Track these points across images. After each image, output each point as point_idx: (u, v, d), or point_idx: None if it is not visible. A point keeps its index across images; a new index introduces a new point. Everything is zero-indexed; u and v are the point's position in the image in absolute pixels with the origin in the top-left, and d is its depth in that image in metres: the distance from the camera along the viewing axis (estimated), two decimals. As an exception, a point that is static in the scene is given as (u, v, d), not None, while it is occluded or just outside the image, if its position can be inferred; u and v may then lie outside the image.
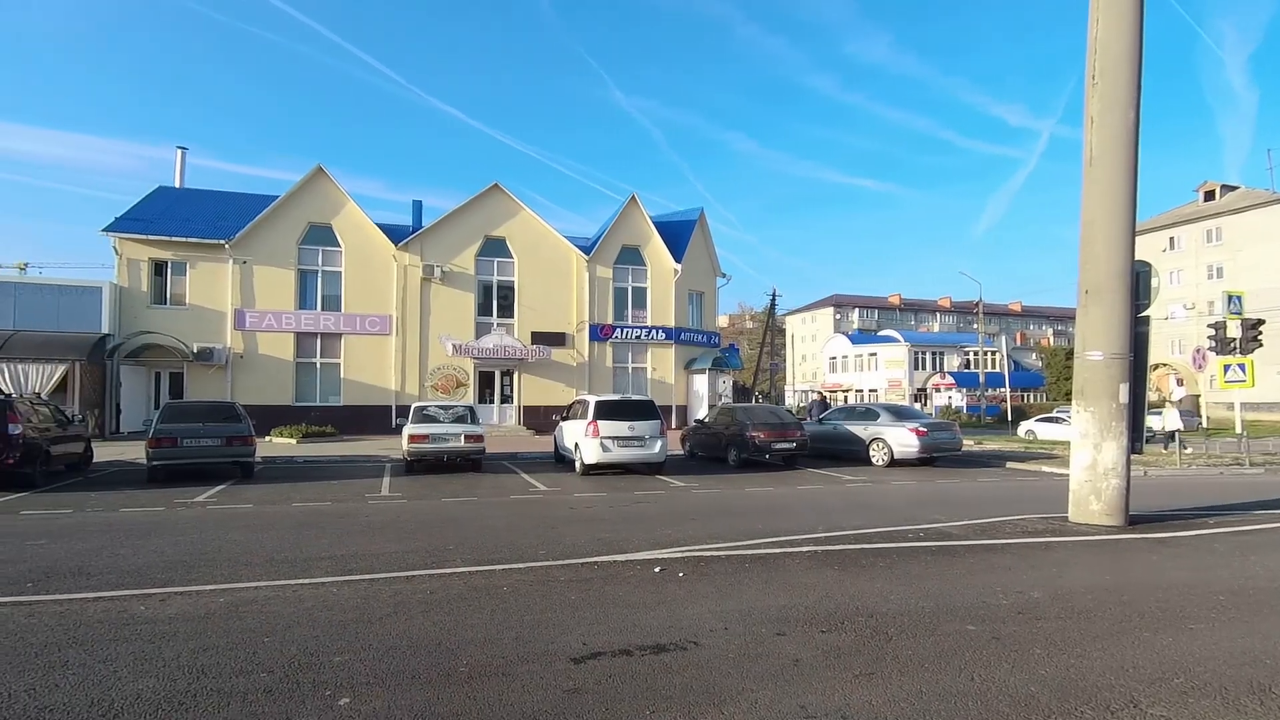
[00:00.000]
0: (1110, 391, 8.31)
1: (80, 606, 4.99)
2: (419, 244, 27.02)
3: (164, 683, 3.60)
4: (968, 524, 8.58)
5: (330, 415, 24.98)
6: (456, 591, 5.42)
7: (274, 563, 6.41)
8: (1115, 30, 8.46)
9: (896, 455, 16.42)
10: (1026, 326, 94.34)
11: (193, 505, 10.02)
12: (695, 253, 31.33)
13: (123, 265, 24.18)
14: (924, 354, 63.77)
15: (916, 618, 4.78)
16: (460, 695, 3.45)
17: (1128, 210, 8.47)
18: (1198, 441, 23.36)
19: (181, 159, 30.81)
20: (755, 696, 3.46)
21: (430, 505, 10.24)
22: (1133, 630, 4.55)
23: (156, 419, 13.18)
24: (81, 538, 7.55)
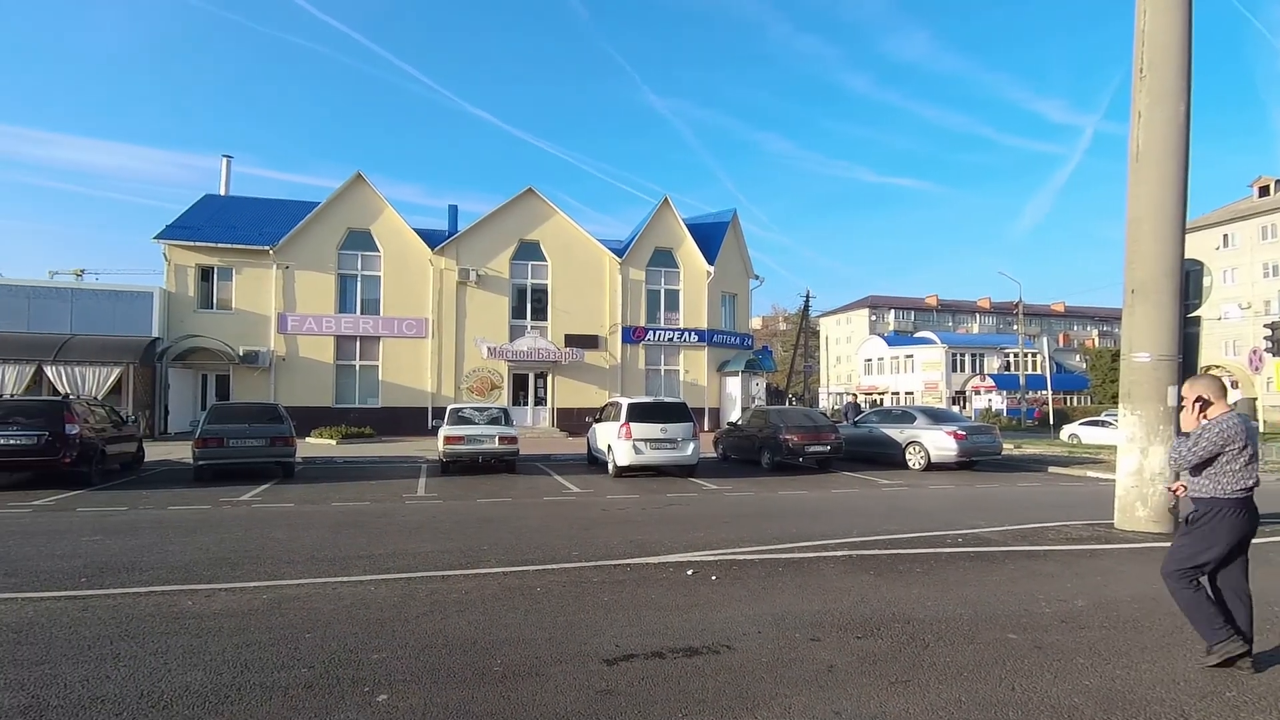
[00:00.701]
0: (1158, 394, 8.05)
1: (132, 601, 5.18)
2: (455, 248, 27.42)
3: (210, 676, 3.71)
4: (1008, 530, 8.38)
5: (368, 417, 25.48)
6: (491, 592, 5.49)
7: (314, 561, 6.56)
8: (1164, 20, 8.21)
9: (934, 459, 16.11)
10: (1070, 327, 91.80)
11: (237, 504, 10.31)
12: (728, 254, 31.20)
13: (172, 271, 25.03)
14: (962, 356, 62.50)
15: (955, 625, 4.69)
16: (494, 694, 3.49)
17: (1177, 207, 8.20)
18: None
19: (227, 167, 31.78)
20: (789, 702, 3.43)
21: (465, 506, 10.38)
22: (1183, 642, 4.39)
23: (203, 420, 13.61)
24: (133, 534, 7.83)
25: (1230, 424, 4.02)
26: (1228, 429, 3.99)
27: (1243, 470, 3.99)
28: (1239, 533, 4.00)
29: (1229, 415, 4.07)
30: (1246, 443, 3.99)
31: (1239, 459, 3.98)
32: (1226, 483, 4.01)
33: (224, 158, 31.86)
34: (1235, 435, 3.98)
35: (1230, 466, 4.01)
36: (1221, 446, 3.99)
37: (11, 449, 11.32)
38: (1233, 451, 3.98)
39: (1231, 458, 3.99)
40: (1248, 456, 3.99)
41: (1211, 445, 4.00)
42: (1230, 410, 4.11)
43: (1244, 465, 3.99)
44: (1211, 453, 4.01)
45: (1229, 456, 4.00)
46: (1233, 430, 3.99)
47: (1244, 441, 3.98)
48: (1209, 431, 4.04)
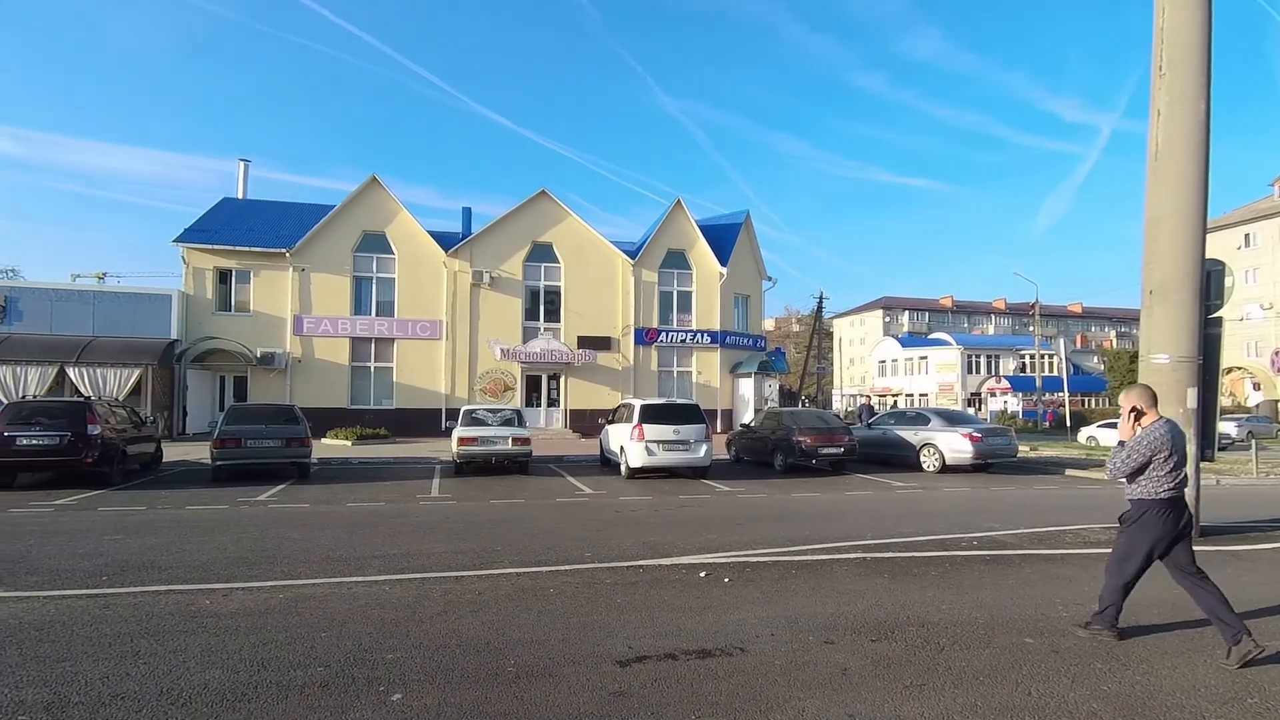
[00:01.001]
0: (1177, 396, 7.93)
1: (151, 599, 5.25)
2: (468, 250, 27.57)
3: (228, 674, 3.76)
4: (1024, 533, 8.30)
5: (383, 418, 25.65)
6: (504, 592, 5.51)
7: (330, 560, 6.62)
8: (1183, 18, 8.10)
9: (949, 461, 15.99)
10: (1088, 329, 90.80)
11: (254, 504, 10.42)
12: (741, 256, 31.13)
13: (190, 274, 25.35)
14: (977, 357, 61.91)
15: (970, 629, 4.65)
16: (508, 695, 3.51)
17: (1198, 206, 8.09)
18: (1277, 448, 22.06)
19: (244, 171, 32.15)
20: (803, 705, 3.42)
21: (479, 507, 10.43)
22: (1205, 647, 4.33)
23: (221, 421, 13.77)
24: (153, 533, 7.94)
25: (1159, 433, 4.39)
26: (1157, 438, 4.37)
27: (1170, 474, 4.36)
28: (1168, 528, 4.36)
29: (1159, 424, 4.44)
30: (1172, 450, 4.36)
31: (1166, 464, 4.35)
32: (1156, 486, 4.39)
33: (241, 162, 32.25)
34: (1164, 443, 4.36)
35: (1159, 472, 4.37)
36: (1152, 454, 4.36)
37: (35, 449, 11.51)
38: (1161, 458, 4.34)
39: (1160, 463, 4.35)
40: (1174, 462, 4.35)
41: (1143, 454, 4.37)
42: (1160, 419, 4.48)
43: (1171, 470, 4.36)
44: (1143, 461, 4.37)
45: (1158, 462, 4.36)
46: (1161, 438, 4.37)
47: (1170, 449, 4.35)
48: (1141, 442, 4.41)
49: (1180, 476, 4.38)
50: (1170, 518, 4.37)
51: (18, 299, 23.55)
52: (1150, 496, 4.41)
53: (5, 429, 11.40)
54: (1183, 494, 4.42)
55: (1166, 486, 4.36)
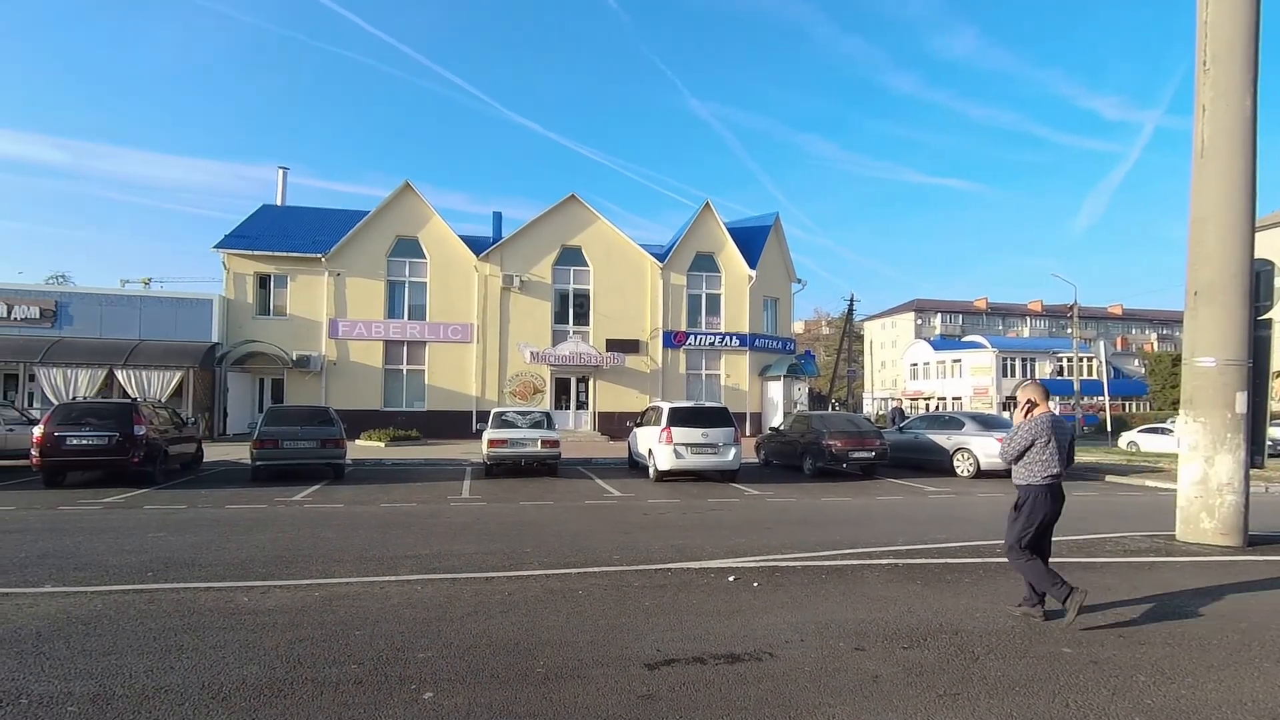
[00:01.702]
0: (1224, 400, 7.68)
1: (193, 595, 5.40)
2: (499, 254, 27.86)
3: (265, 670, 3.85)
4: (1063, 540, 8.08)
5: (415, 420, 26.04)
6: (534, 594, 5.55)
7: (364, 560, 6.74)
8: (1227, 11, 7.86)
9: (983, 466, 15.66)
10: (1128, 331, 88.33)
11: (291, 504, 10.65)
12: (770, 258, 30.95)
13: (230, 279, 26.05)
14: (1013, 360, 60.53)
15: (1006, 637, 4.56)
16: (537, 696, 3.54)
17: (1245, 204, 7.83)
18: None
19: (283, 178, 32.92)
20: (832, 712, 3.38)
21: (509, 508, 10.51)
22: (1252, 661, 4.19)
23: (260, 422, 14.10)
24: (194, 531, 8.16)
25: (1039, 422, 4.98)
26: (1036, 426, 4.96)
27: (1048, 460, 4.93)
28: (1047, 510, 4.98)
29: (1044, 415, 5.02)
30: (1050, 438, 4.92)
31: (1045, 451, 4.92)
32: (1037, 471, 4.97)
33: (280, 169, 33.02)
34: (1042, 430, 4.95)
35: (1039, 457, 4.95)
36: (1032, 440, 4.95)
37: (86, 449, 11.93)
38: (1040, 444, 4.93)
39: (1039, 449, 4.94)
40: (1051, 450, 4.91)
41: (1025, 438, 4.97)
42: (1047, 411, 5.06)
43: (1049, 456, 4.92)
44: (1024, 445, 4.97)
45: (1038, 446, 4.94)
46: (1040, 427, 4.96)
47: (1048, 437, 4.92)
48: (1023, 427, 5.02)
49: (1056, 463, 4.94)
50: (1051, 500, 5.00)
51: (68, 304, 24.43)
52: (1034, 482, 4.99)
53: (56, 429, 11.83)
54: (1059, 481, 5.01)
55: (1048, 473, 4.94)
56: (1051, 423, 4.99)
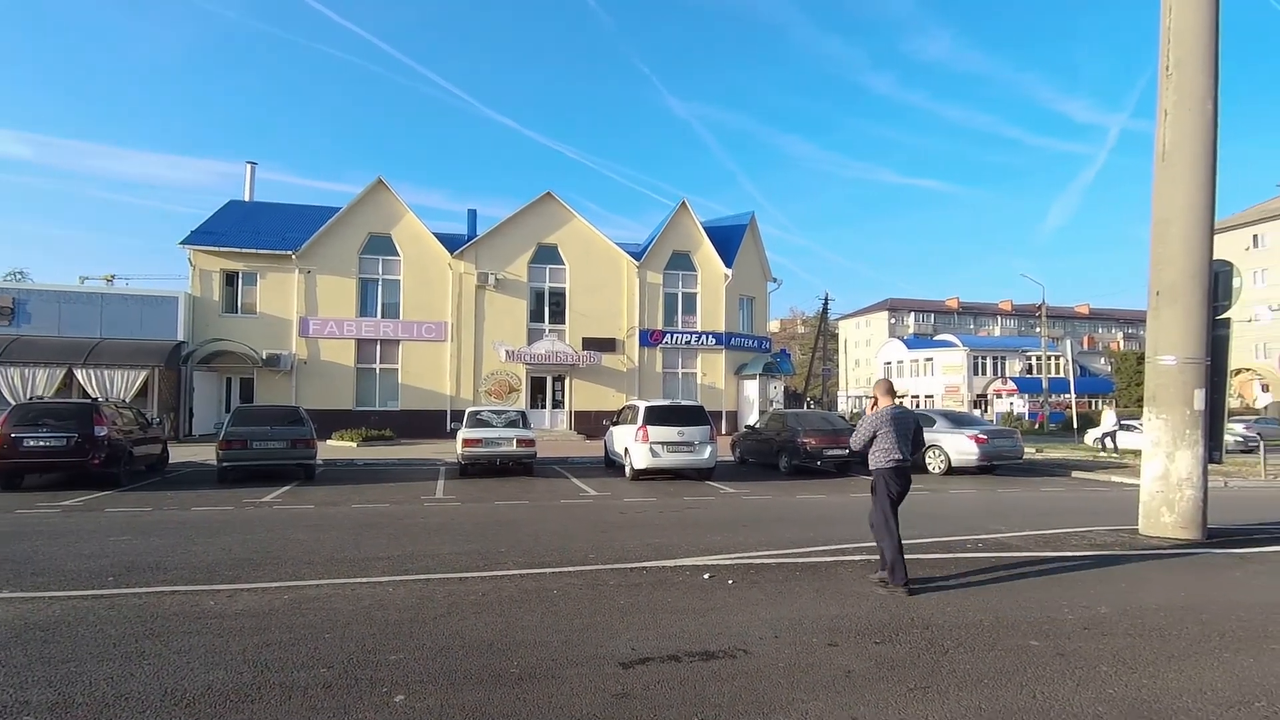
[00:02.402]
0: (1184, 398, 7.89)
1: (156, 600, 5.27)
2: (474, 252, 27.63)
3: (231, 675, 3.77)
4: (1030, 535, 8.26)
5: (388, 419, 25.72)
6: (508, 594, 5.51)
7: (334, 562, 6.63)
8: (1190, 18, 8.07)
9: (954, 463, 15.93)
10: (1095, 330, 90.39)
11: (260, 505, 10.45)
12: (746, 257, 31.11)
13: (196, 276, 25.48)
14: (983, 359, 61.68)
15: (975, 631, 4.63)
16: (510, 696, 3.51)
17: (1205, 207, 8.05)
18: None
19: (251, 174, 32.29)
20: (806, 707, 3.40)
21: (483, 508, 10.44)
22: (1211, 650, 4.30)
23: (227, 422, 13.82)
24: (159, 534, 7.97)
25: (880, 415, 5.79)
26: (877, 418, 5.78)
27: (889, 448, 5.71)
28: (895, 489, 5.74)
29: (885, 408, 5.83)
30: (890, 428, 5.72)
31: (887, 439, 5.70)
32: (883, 457, 5.75)
33: (248, 164, 32.39)
34: (884, 421, 5.74)
35: (883, 444, 5.72)
36: (874, 430, 5.75)
37: (44, 450, 11.59)
38: (882, 432, 5.71)
39: (882, 436, 5.72)
40: (893, 438, 5.70)
41: (868, 430, 5.79)
42: (889, 405, 5.85)
43: (889, 444, 5.71)
44: (868, 436, 5.78)
45: (881, 435, 5.73)
46: (883, 417, 5.76)
47: (889, 427, 5.72)
48: (868, 418, 5.86)
49: (898, 450, 5.71)
50: (896, 481, 5.75)
51: (26, 301, 23.71)
52: (880, 466, 5.76)
53: (13, 431, 11.48)
54: (903, 465, 5.75)
55: (890, 458, 5.71)
56: (891, 415, 5.78)
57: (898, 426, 5.74)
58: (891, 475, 5.74)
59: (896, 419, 5.77)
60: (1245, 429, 26.62)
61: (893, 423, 5.73)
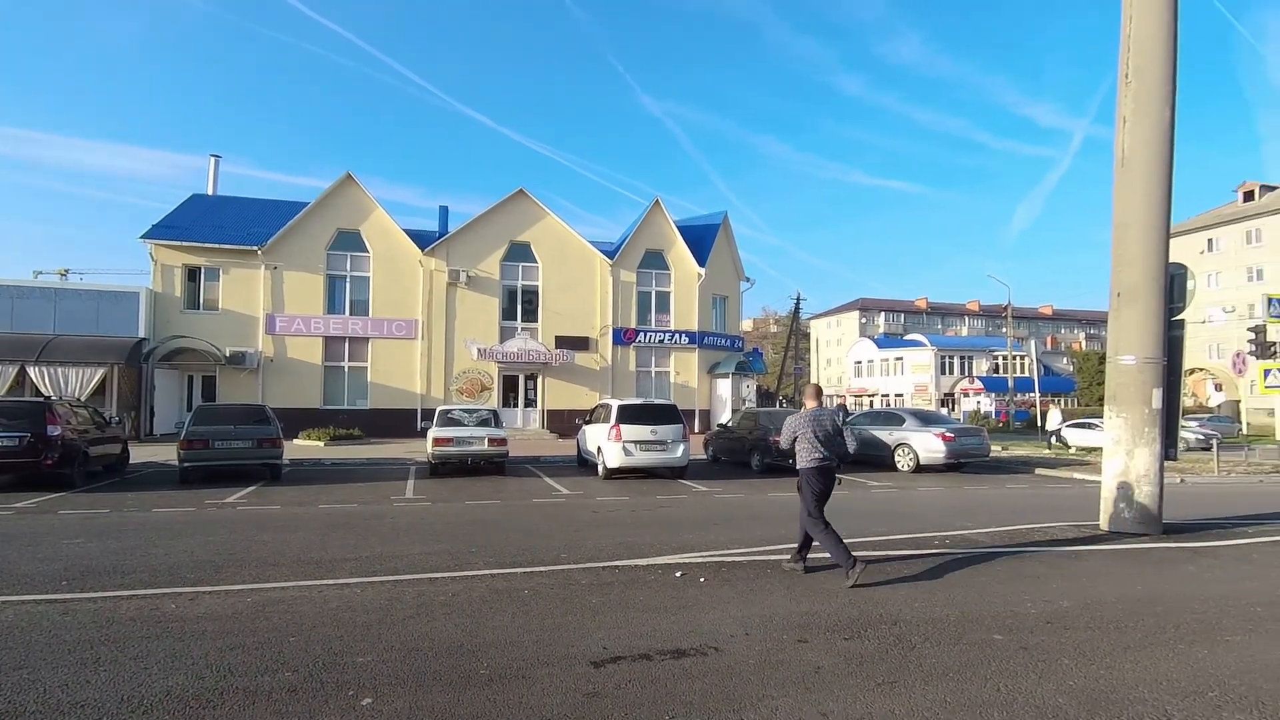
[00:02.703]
0: (1143, 396, 8.11)
1: (114, 604, 5.12)
2: (445, 249, 27.34)
3: (193, 680, 3.67)
4: (995, 531, 8.43)
5: (357, 418, 25.34)
6: (479, 594, 5.46)
7: (301, 563, 6.51)
8: (1149, 27, 8.29)
9: (923, 461, 16.19)
10: (1058, 330, 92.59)
11: (223, 506, 10.22)
12: (719, 257, 31.26)
13: (158, 271, 24.82)
14: (951, 358, 62.83)
15: (941, 626, 4.71)
16: (480, 698, 3.48)
17: (1162, 211, 8.27)
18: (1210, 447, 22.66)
19: (215, 167, 31.53)
20: (776, 703, 3.43)
21: (454, 508, 10.33)
22: (1166, 642, 4.43)
23: (189, 421, 13.47)
24: (117, 537, 7.74)
25: (801, 417, 6.14)
26: (799, 420, 6.11)
27: (810, 448, 6.01)
28: (820, 485, 6.04)
29: (807, 410, 6.17)
30: (812, 431, 6.02)
31: (806, 440, 6.03)
32: (806, 456, 6.03)
33: (212, 157, 31.64)
34: (804, 425, 6.06)
35: (804, 446, 6.04)
36: (796, 432, 6.08)
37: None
38: (804, 435, 6.04)
39: (804, 437, 6.04)
40: (813, 439, 6.01)
41: (792, 430, 6.13)
42: (812, 407, 6.21)
43: (811, 445, 6.01)
44: (791, 436, 6.12)
45: (803, 436, 6.03)
46: (804, 419, 6.09)
47: (810, 430, 6.03)
48: (789, 422, 6.19)
49: (821, 449, 6.00)
50: (819, 479, 6.03)
51: (-24, 296, 22.87)
52: (805, 465, 6.05)
53: (-38, 430, 11.04)
54: (827, 463, 6.03)
55: (812, 456, 6.00)
56: (813, 416, 6.11)
57: (818, 427, 6.06)
58: (815, 474, 6.03)
59: (817, 420, 6.10)
60: (1200, 426, 27.57)
61: (814, 424, 6.06)
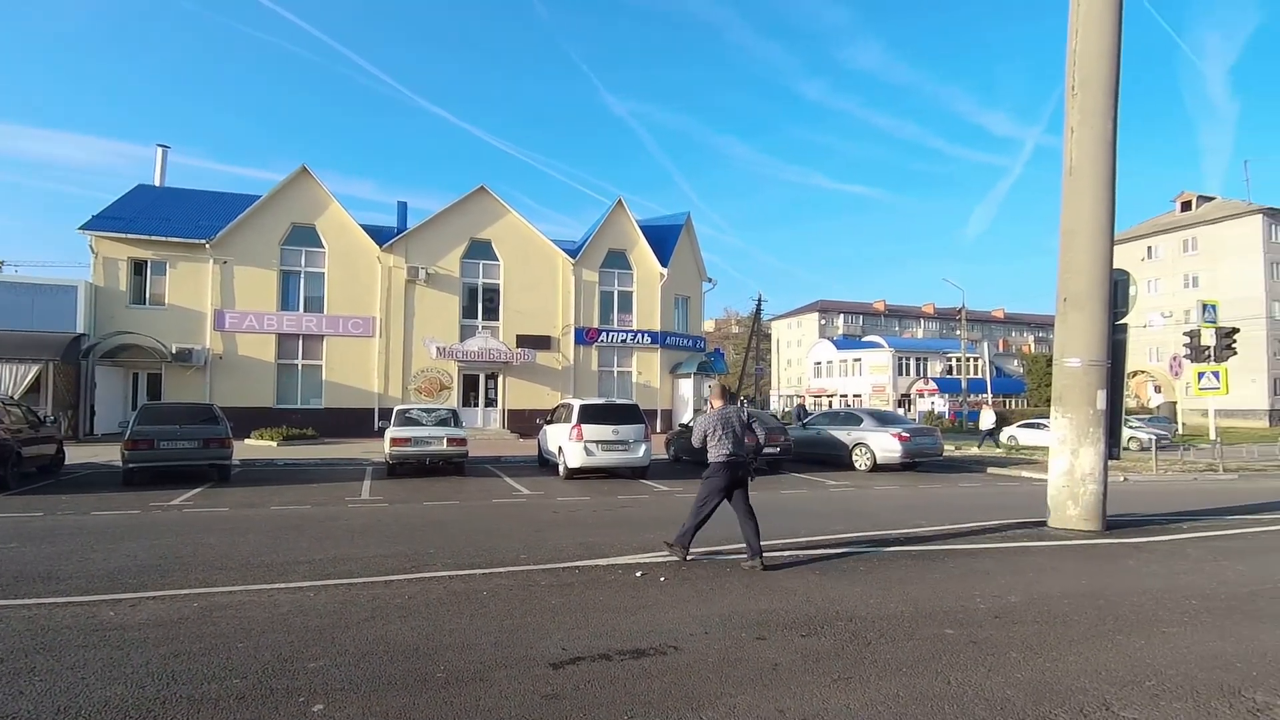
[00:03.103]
0: (1088, 398, 8.41)
1: (48, 612, 4.89)
2: (404, 245, 26.86)
3: (133, 689, 3.53)
4: (948, 529, 8.64)
5: (311, 418, 24.72)
6: (436, 596, 5.38)
7: (250, 567, 6.32)
8: (1094, 43, 8.60)
9: (879, 460, 16.52)
10: (1009, 333, 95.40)
11: (168, 508, 9.86)
12: (681, 257, 31.38)
13: (99, 264, 23.81)
14: (908, 360, 64.28)
15: (896, 622, 4.80)
16: (436, 701, 3.42)
17: (1106, 220, 8.59)
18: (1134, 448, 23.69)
19: (162, 157, 30.42)
20: (734, 701, 3.45)
21: (412, 509, 10.15)
22: (1107, 634, 4.60)
23: (133, 421, 12.96)
24: (52, 541, 7.40)
25: (711, 416, 6.61)
26: (708, 419, 6.58)
27: (720, 444, 6.47)
28: (726, 480, 6.43)
29: (717, 409, 6.65)
30: (721, 427, 6.48)
31: (717, 435, 6.47)
32: (716, 452, 6.47)
33: (159, 147, 30.50)
34: (715, 422, 6.51)
35: (714, 442, 6.48)
36: (706, 429, 6.54)
37: (-83, 451, 10.58)
38: (714, 433, 6.49)
39: (714, 434, 6.49)
40: (721, 436, 6.47)
41: (702, 427, 6.60)
42: (720, 406, 6.68)
43: (719, 440, 6.48)
44: (703, 433, 6.58)
45: (712, 433, 6.49)
46: (713, 418, 6.56)
47: (718, 427, 6.49)
48: (699, 420, 6.69)
49: (729, 446, 6.43)
50: (728, 473, 6.42)
51: (-100, 288, 21.62)
52: (716, 459, 6.45)
53: (-117, 429, 10.43)
54: (735, 458, 6.44)
55: (722, 452, 6.43)
56: (721, 415, 6.55)
57: (727, 425, 6.50)
58: (723, 468, 6.44)
59: (726, 418, 6.54)
60: (1150, 426, 28.78)
61: (722, 422, 6.49)
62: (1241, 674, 3.91)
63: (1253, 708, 3.47)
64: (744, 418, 6.73)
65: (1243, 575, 6.39)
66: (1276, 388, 50.10)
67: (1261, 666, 4.03)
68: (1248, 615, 5.11)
